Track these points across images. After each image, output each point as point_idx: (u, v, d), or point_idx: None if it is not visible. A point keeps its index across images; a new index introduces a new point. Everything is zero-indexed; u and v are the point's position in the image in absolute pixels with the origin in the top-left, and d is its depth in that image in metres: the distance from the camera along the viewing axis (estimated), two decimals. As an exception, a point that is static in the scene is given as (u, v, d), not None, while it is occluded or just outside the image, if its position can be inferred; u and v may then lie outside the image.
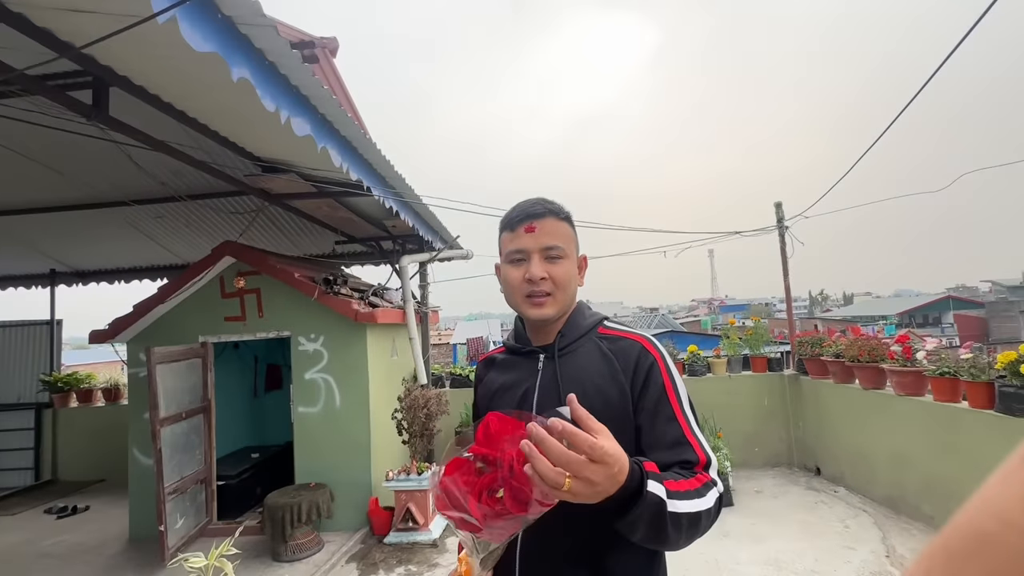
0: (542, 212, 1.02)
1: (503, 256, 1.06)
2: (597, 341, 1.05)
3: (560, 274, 1.01)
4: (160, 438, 3.73)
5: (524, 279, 1.01)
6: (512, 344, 1.14)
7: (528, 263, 1.01)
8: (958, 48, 2.47)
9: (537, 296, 1.01)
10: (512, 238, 1.03)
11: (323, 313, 4.36)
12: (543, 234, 1.01)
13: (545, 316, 1.01)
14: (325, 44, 4.38)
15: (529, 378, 1.04)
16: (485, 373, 1.17)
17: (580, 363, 1.02)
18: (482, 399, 1.14)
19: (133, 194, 4.21)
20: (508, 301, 1.08)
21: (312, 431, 4.35)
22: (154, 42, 1.87)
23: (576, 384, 0.98)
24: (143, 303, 4.42)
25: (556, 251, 1.01)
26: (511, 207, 1.09)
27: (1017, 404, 2.98)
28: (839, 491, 4.64)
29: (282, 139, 2.78)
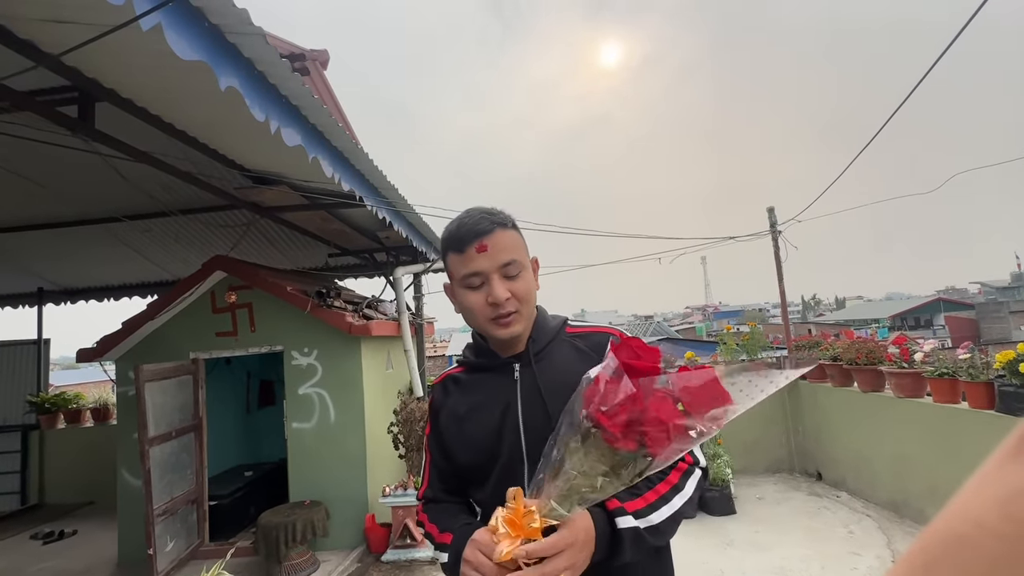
0: (490, 227, 0.96)
1: (456, 279, 0.99)
2: (569, 341, 1.03)
3: (522, 289, 0.96)
4: (149, 458, 3.64)
5: (487, 303, 0.95)
6: (476, 360, 1.07)
7: (488, 285, 0.95)
8: (946, 53, 2.50)
9: (503, 317, 0.95)
10: (463, 260, 0.96)
11: (316, 327, 4.30)
12: (497, 251, 0.95)
13: (515, 334, 0.97)
14: (316, 56, 4.38)
15: (506, 392, 0.99)
16: (444, 399, 1.07)
17: (558, 367, 0.99)
18: (447, 428, 1.04)
19: (123, 210, 4.15)
20: (470, 323, 1.02)
21: (306, 447, 4.27)
22: (140, 52, 1.84)
23: (559, 389, 0.93)
24: (132, 320, 4.34)
25: (513, 266, 0.96)
26: (451, 223, 1.01)
27: (1017, 403, 2.97)
28: (841, 496, 4.59)
29: (273, 150, 2.75)
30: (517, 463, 0.95)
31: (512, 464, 0.96)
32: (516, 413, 0.97)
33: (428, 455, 1.09)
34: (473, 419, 1.00)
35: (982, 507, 0.22)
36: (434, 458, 1.07)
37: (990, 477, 0.23)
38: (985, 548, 0.21)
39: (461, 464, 1.01)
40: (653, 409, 0.70)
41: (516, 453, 0.95)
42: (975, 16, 2.44)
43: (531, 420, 0.96)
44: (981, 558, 0.21)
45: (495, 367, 1.03)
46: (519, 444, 0.95)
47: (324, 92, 4.65)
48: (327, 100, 4.70)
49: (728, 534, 4.00)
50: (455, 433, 1.02)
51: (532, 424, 0.95)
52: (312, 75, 4.41)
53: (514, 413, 0.97)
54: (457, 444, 1.01)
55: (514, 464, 0.95)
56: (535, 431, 0.93)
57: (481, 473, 0.98)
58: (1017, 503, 0.21)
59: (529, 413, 0.96)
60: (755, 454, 5.44)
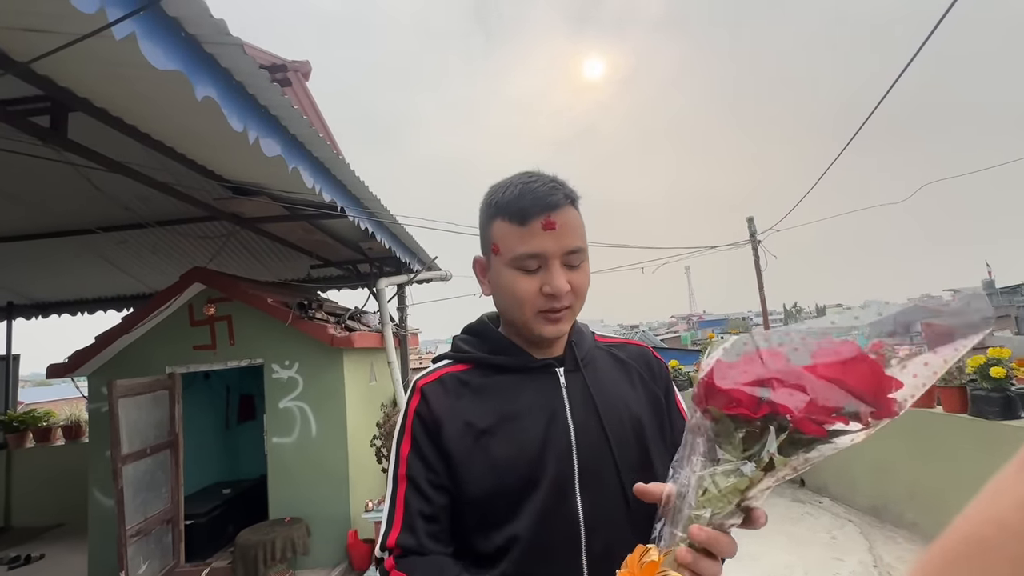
0: (562, 201, 0.79)
1: (505, 256, 0.80)
2: (606, 350, 0.92)
3: (582, 284, 0.81)
4: (122, 476, 3.52)
5: (542, 292, 0.78)
6: (497, 358, 0.85)
7: (548, 272, 0.78)
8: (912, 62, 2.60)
9: (555, 312, 0.80)
10: (523, 235, 0.78)
11: (298, 339, 4.24)
12: (566, 233, 0.79)
13: (563, 332, 0.83)
14: (298, 68, 4.37)
15: (548, 399, 0.81)
16: (447, 404, 0.81)
17: (604, 376, 0.87)
18: (457, 445, 0.78)
19: (97, 221, 4.07)
20: (507, 311, 0.84)
21: (287, 462, 4.18)
22: (114, 61, 1.82)
23: (613, 401, 0.83)
24: (106, 334, 4.23)
25: (578, 255, 0.81)
26: (507, 184, 0.82)
27: (988, 407, 3.04)
28: (823, 502, 4.64)
29: (252, 160, 2.73)
30: (567, 489, 0.76)
31: (560, 491, 0.76)
32: (567, 427, 0.79)
33: (403, 485, 0.78)
34: (504, 433, 0.78)
35: (1003, 509, 0.23)
36: (417, 489, 0.77)
37: (1010, 480, 0.24)
38: (1007, 549, 0.22)
39: (473, 495, 0.76)
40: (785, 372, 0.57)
41: (566, 477, 0.76)
42: (942, 21, 2.53)
43: (584, 436, 0.79)
44: (1003, 559, 0.22)
45: (529, 369, 0.84)
46: (571, 466, 0.77)
47: (306, 103, 4.63)
48: (309, 111, 4.69)
49: (713, 542, 4.01)
50: (472, 451, 0.77)
51: (586, 441, 0.79)
52: (294, 86, 4.40)
53: (563, 427, 0.79)
54: (476, 466, 0.76)
55: (563, 491, 0.76)
56: (589, 450, 0.78)
57: (509, 506, 0.75)
58: None
59: (582, 428, 0.79)
60: (739, 462, 5.47)
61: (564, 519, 0.75)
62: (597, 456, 0.78)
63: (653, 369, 0.92)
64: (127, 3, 1.42)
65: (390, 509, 0.79)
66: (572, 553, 0.75)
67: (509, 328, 0.88)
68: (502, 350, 0.86)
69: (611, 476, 0.78)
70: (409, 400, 0.84)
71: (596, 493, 0.77)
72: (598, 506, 0.76)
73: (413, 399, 0.84)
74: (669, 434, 0.87)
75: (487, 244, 0.84)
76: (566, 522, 0.75)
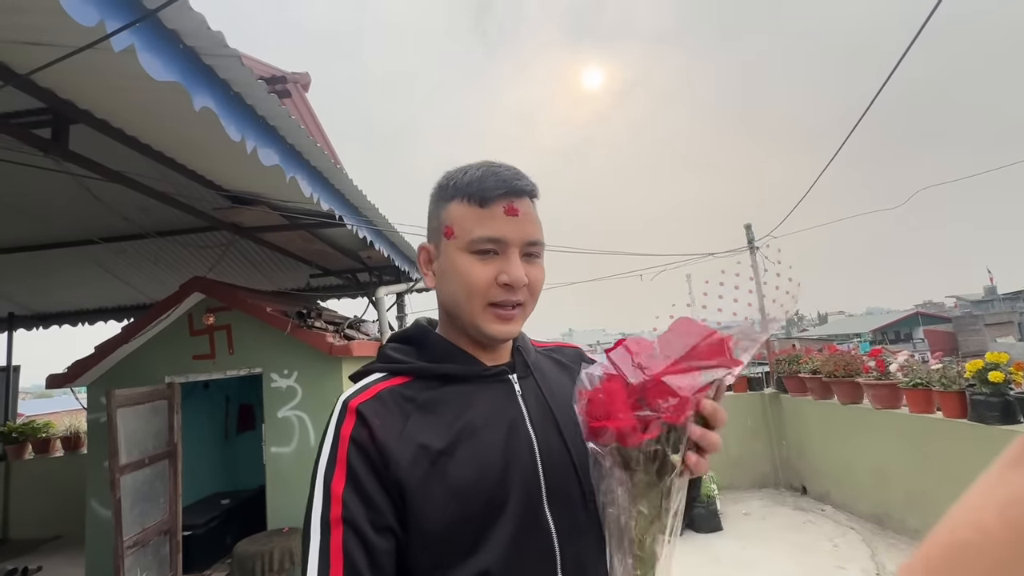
0: (526, 187, 0.75)
1: (461, 238, 0.73)
2: (546, 354, 0.89)
3: (538, 280, 0.76)
4: (119, 487, 3.51)
5: (497, 281, 0.72)
6: (442, 367, 0.75)
7: (505, 260, 0.72)
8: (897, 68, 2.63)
9: (507, 307, 0.73)
10: (482, 217, 0.72)
11: (296, 348, 4.24)
12: (528, 222, 0.74)
13: (513, 334, 0.76)
14: (297, 79, 4.43)
15: (505, 409, 0.74)
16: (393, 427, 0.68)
17: (552, 380, 0.82)
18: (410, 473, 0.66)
19: (98, 232, 4.10)
20: (454, 305, 0.75)
21: (285, 472, 4.16)
22: (113, 73, 1.85)
23: (566, 405, 0.77)
24: (106, 344, 4.24)
25: (538, 248, 0.76)
26: (467, 167, 0.76)
27: (988, 412, 3.03)
28: (826, 509, 4.60)
29: (250, 170, 2.76)
30: (536, 505, 0.70)
31: (530, 508, 0.69)
32: (528, 437, 0.72)
33: (337, 532, 0.63)
34: (464, 451, 0.68)
35: (984, 513, 0.23)
36: (357, 536, 0.63)
37: (992, 484, 0.24)
38: (988, 553, 0.22)
39: (432, 529, 0.65)
40: (649, 387, 0.61)
41: (534, 492, 0.70)
42: (923, 28, 2.57)
43: (546, 445, 0.73)
44: (984, 563, 0.22)
45: (480, 377, 0.76)
46: (537, 479, 0.70)
47: (305, 113, 4.69)
48: (308, 121, 4.74)
49: (715, 551, 3.98)
50: (429, 478, 0.66)
51: (548, 450, 0.73)
52: (293, 97, 4.45)
53: (525, 438, 0.72)
54: (435, 496, 0.66)
55: (533, 508, 0.69)
56: (552, 459, 0.72)
57: (475, 534, 0.66)
58: (1018, 509, 0.22)
59: (543, 437, 0.73)
60: (740, 469, 5.44)
61: (537, 538, 0.69)
62: (560, 465, 0.73)
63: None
64: (125, 16, 1.45)
65: (320, 565, 0.61)
66: (548, 573, 0.69)
67: (451, 331, 0.79)
68: (448, 357, 0.76)
69: (574, 484, 0.74)
70: (339, 424, 0.68)
71: (563, 504, 0.72)
72: (566, 518, 0.72)
73: (345, 422, 0.68)
74: None
75: (438, 228, 0.76)
76: (539, 541, 0.69)
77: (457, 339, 0.78)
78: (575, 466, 0.73)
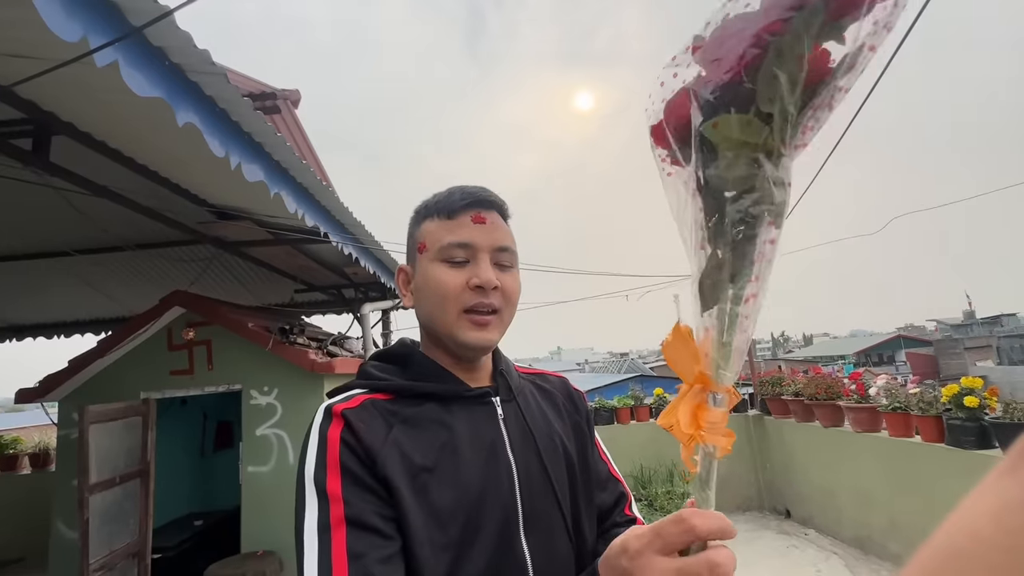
0: (494, 200, 0.77)
1: (431, 251, 0.75)
2: (530, 381, 0.88)
3: (511, 287, 0.76)
4: (88, 507, 3.39)
5: (468, 285, 0.72)
6: (424, 385, 0.74)
7: (475, 265, 0.73)
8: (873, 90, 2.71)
9: (482, 312, 0.73)
10: (450, 227, 0.74)
11: (278, 364, 4.18)
12: (496, 229, 0.76)
13: (489, 342, 0.74)
14: (287, 96, 4.45)
15: (486, 432, 0.73)
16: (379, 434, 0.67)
17: (535, 408, 0.81)
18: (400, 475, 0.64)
19: (76, 243, 4.03)
20: (428, 315, 0.76)
21: (262, 492, 4.05)
22: (96, 87, 1.85)
23: (547, 433, 0.78)
24: (80, 358, 4.14)
25: (508, 256, 0.77)
26: (440, 191, 0.79)
27: (964, 436, 3.07)
28: (809, 533, 4.59)
29: (235, 185, 2.75)
30: (512, 533, 0.67)
31: (505, 536, 0.67)
32: (508, 463, 0.71)
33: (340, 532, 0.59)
34: (445, 471, 0.67)
35: (978, 520, 0.23)
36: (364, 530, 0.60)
37: (987, 491, 0.23)
38: (982, 560, 0.21)
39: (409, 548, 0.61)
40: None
41: (510, 519, 0.68)
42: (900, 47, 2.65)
43: (526, 471, 0.72)
44: (979, 569, 0.21)
45: (462, 397, 0.74)
46: (515, 506, 0.69)
47: (294, 130, 4.70)
48: (297, 138, 4.76)
49: (698, 576, 3.93)
50: (414, 494, 0.64)
51: (527, 477, 0.71)
52: (283, 113, 4.47)
53: (504, 463, 0.71)
54: (417, 515, 0.63)
55: (508, 536, 0.67)
56: (531, 486, 0.71)
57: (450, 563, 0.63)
58: (1013, 515, 0.21)
59: (523, 463, 0.72)
60: (725, 492, 5.41)
61: (510, 569, 0.66)
62: (540, 491, 0.72)
63: (575, 401, 0.89)
64: (109, 32, 1.45)
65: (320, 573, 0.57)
66: None
67: (432, 350, 0.79)
68: (431, 376, 0.76)
69: (554, 513, 0.72)
70: (324, 427, 0.67)
71: (541, 533, 0.70)
72: (544, 547, 0.70)
73: (332, 425, 0.66)
74: (594, 471, 0.85)
75: (413, 247, 0.79)
76: (512, 571, 0.66)
77: (439, 358, 0.77)
78: (555, 494, 0.73)
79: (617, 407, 5.74)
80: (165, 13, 1.53)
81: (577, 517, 0.76)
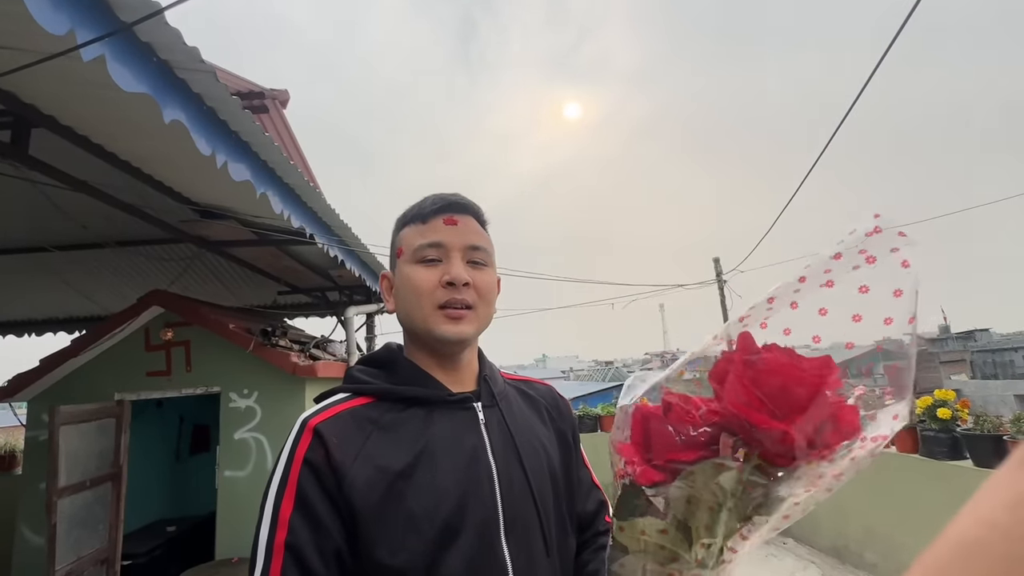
0: (466, 205, 0.81)
1: (406, 255, 0.79)
2: (515, 387, 0.89)
3: (485, 284, 0.79)
4: (56, 511, 3.28)
5: (441, 282, 0.75)
6: (405, 390, 0.75)
7: (447, 263, 0.77)
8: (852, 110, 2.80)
9: (455, 307, 0.75)
10: (423, 230, 0.78)
11: (258, 367, 4.11)
12: (468, 230, 0.79)
13: (464, 335, 0.76)
14: (276, 95, 4.42)
15: (467, 436, 0.73)
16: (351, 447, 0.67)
17: (518, 413, 0.82)
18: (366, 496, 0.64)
19: (52, 239, 3.93)
20: (407, 314, 0.78)
21: (239, 497, 3.97)
22: (81, 81, 1.82)
23: (529, 439, 0.79)
24: (52, 357, 4.02)
25: (481, 254, 0.79)
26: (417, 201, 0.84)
27: (937, 447, 3.15)
28: (788, 542, 4.64)
29: (220, 184, 2.72)
30: (492, 537, 0.68)
31: (485, 539, 0.68)
32: (488, 467, 0.72)
33: (277, 559, 0.61)
34: (423, 475, 0.67)
35: (993, 509, 0.23)
36: (299, 563, 0.61)
37: (1002, 482, 0.24)
38: (998, 549, 0.21)
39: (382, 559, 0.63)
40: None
41: (491, 523, 0.69)
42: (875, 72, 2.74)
43: (507, 477, 0.73)
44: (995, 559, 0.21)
45: (444, 402, 0.75)
46: (495, 510, 0.70)
47: (283, 130, 4.67)
48: (284, 138, 4.72)
49: (678, 585, 3.95)
50: (385, 503, 0.65)
51: (508, 482, 0.72)
52: (271, 113, 4.43)
53: (485, 467, 0.72)
54: (391, 522, 0.65)
55: (488, 539, 0.68)
56: (512, 491, 0.72)
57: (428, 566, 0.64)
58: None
59: (504, 467, 0.73)
60: (706, 501, 5.46)
61: (491, 570, 0.68)
62: (520, 499, 0.72)
63: (560, 409, 0.91)
64: (97, 27, 1.44)
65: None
66: None
67: (415, 353, 0.81)
68: (414, 380, 0.77)
69: (533, 520, 0.73)
70: (295, 444, 0.67)
71: (521, 538, 0.71)
72: (524, 552, 0.71)
73: (301, 442, 0.67)
74: (577, 478, 0.86)
75: (393, 253, 0.84)
76: (492, 574, 0.68)
77: (422, 360, 0.79)
78: (535, 498, 0.74)
79: (601, 415, 5.76)
80: (156, 11, 1.52)
81: (560, 522, 0.78)
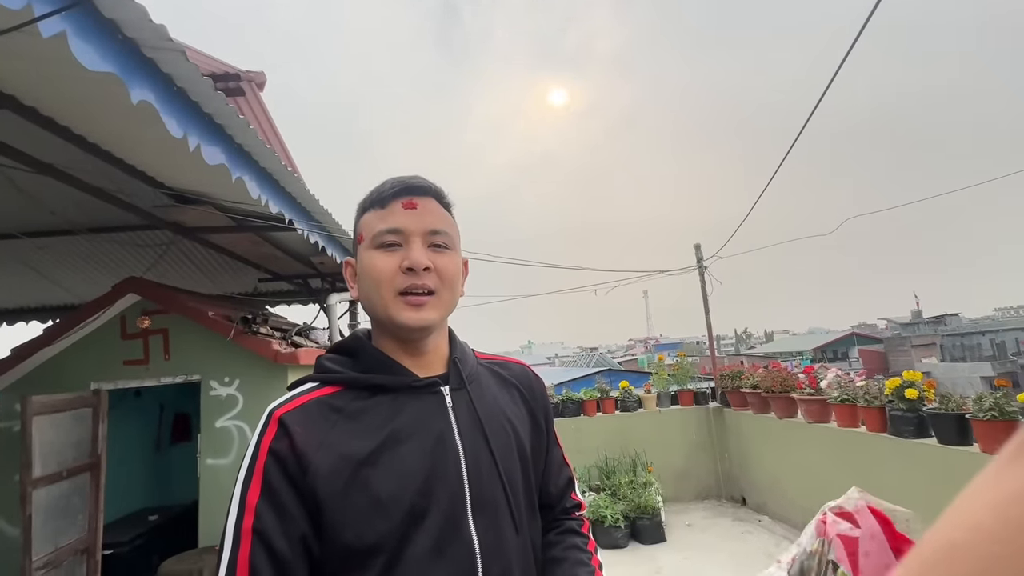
0: (426, 188, 0.79)
1: (366, 241, 0.78)
2: (488, 367, 0.89)
3: (447, 267, 0.78)
4: (31, 502, 3.23)
5: (400, 268, 0.74)
6: (372, 377, 0.75)
7: (406, 248, 0.75)
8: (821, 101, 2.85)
9: (416, 293, 0.75)
10: (382, 215, 0.77)
11: (239, 355, 4.07)
12: (428, 213, 0.78)
13: (426, 321, 0.75)
14: (252, 77, 4.31)
15: (433, 420, 0.74)
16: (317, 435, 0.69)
17: (488, 395, 0.82)
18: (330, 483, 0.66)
19: (20, 226, 3.81)
20: (368, 301, 0.78)
21: (221, 485, 3.95)
22: (43, 59, 1.75)
23: (500, 421, 0.79)
24: (24, 346, 3.93)
25: (442, 237, 0.78)
26: (377, 185, 0.82)
27: (904, 426, 3.26)
28: (763, 520, 4.79)
29: (194, 168, 2.65)
30: (459, 519, 0.70)
31: (453, 521, 0.70)
32: (456, 450, 0.73)
33: (245, 543, 0.64)
34: (387, 461, 0.69)
35: (979, 511, 0.22)
36: (266, 548, 0.64)
37: (987, 482, 0.23)
38: (982, 551, 0.21)
39: (349, 543, 0.65)
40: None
41: (458, 505, 0.71)
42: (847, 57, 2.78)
43: (474, 459, 0.74)
44: (979, 561, 0.21)
45: (411, 388, 0.75)
46: (462, 492, 0.71)
47: (260, 113, 4.56)
48: (262, 121, 4.61)
49: (657, 561, 4.06)
50: (349, 490, 0.66)
51: (475, 464, 0.74)
52: (247, 95, 4.32)
53: (452, 450, 0.73)
54: (354, 507, 0.66)
55: (456, 521, 0.70)
56: (479, 473, 0.73)
57: (394, 549, 0.66)
58: (1013, 506, 0.21)
59: (471, 450, 0.74)
60: (685, 482, 5.59)
61: (459, 552, 0.69)
62: (488, 480, 0.74)
63: (534, 389, 0.91)
64: (56, 0, 1.38)
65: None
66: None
67: (381, 339, 0.80)
68: (380, 367, 0.77)
69: (501, 500, 0.74)
70: (261, 434, 0.70)
71: (489, 519, 0.73)
72: (492, 531, 0.72)
73: (267, 432, 0.69)
74: (544, 459, 0.88)
75: (355, 240, 0.83)
76: (460, 554, 0.69)
77: (387, 346, 0.79)
78: (502, 479, 0.75)
79: (584, 399, 5.83)
80: (118, -16, 1.46)
81: (529, 501, 0.80)
